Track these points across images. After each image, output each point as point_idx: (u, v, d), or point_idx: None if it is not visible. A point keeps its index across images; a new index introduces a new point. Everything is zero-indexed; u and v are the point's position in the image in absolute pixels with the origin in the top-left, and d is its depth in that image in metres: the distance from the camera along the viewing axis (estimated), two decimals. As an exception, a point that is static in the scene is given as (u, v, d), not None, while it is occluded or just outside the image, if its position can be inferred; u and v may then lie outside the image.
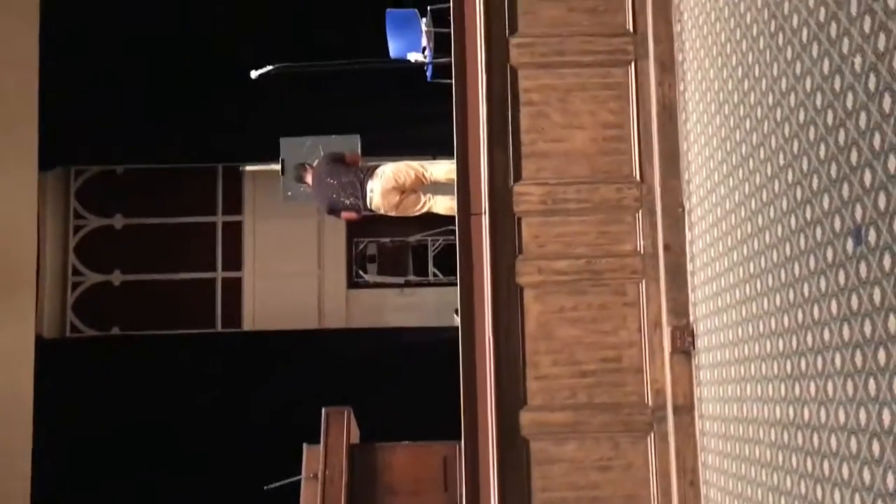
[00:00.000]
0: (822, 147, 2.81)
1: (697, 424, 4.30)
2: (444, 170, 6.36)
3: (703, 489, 4.25)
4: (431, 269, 10.87)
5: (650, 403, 4.39)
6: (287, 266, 10.91)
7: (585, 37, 4.61)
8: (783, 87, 3.12)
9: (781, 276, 3.19)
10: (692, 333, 4.34)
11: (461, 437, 4.41)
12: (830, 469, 2.83)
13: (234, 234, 11.04)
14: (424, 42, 7.17)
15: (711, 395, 4.11)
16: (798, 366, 3.06)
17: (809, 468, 2.99)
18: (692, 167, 4.33)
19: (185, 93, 9.70)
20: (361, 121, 8.88)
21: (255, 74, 7.25)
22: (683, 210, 4.44)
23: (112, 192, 10.94)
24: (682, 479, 4.30)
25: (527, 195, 4.52)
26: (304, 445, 6.20)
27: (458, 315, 4.51)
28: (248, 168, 9.66)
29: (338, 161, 6.60)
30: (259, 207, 10.98)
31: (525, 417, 4.38)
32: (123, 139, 10.14)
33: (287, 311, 10.68)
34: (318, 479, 5.89)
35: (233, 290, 10.94)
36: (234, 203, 11.07)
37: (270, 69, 7.24)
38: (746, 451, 3.62)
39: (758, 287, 3.44)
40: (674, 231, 4.45)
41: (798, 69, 2.99)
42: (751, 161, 3.48)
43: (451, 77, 4.66)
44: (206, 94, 9.69)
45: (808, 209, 2.93)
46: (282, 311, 10.68)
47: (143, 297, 10.72)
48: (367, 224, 10.75)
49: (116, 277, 10.85)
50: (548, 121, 4.57)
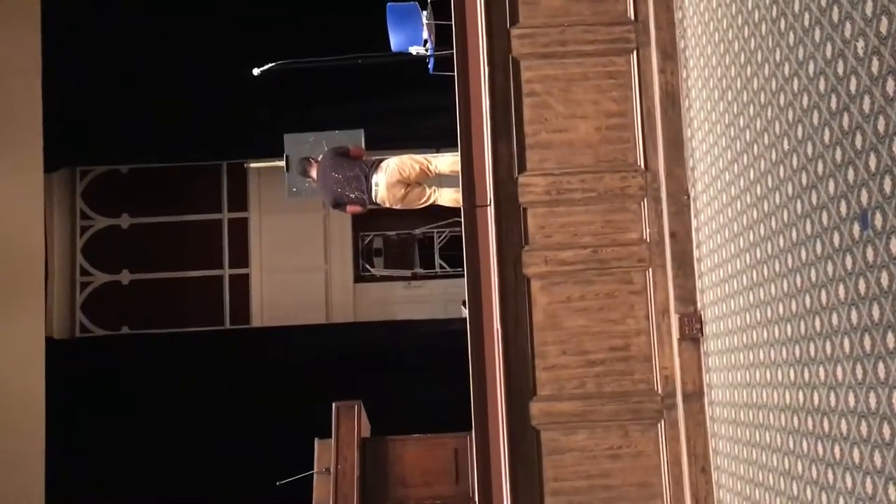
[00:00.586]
0: (827, 131, 2.80)
1: (707, 411, 4.31)
2: (448, 162, 6.37)
3: (715, 475, 4.26)
4: (438, 262, 10.88)
5: (659, 391, 4.39)
6: (294, 261, 10.93)
7: (587, 26, 4.60)
8: (786, 73, 3.12)
9: (788, 262, 3.19)
10: (700, 320, 4.34)
11: (471, 429, 4.43)
12: (841, 453, 2.83)
13: (241, 231, 11.07)
14: (426, 35, 7.16)
15: (720, 382, 4.11)
16: (807, 350, 3.07)
17: (820, 453, 3.00)
18: (696, 154, 4.33)
19: (188, 91, 9.71)
20: (364, 115, 8.90)
21: (258, 71, 7.26)
22: (689, 197, 4.44)
23: (118, 192, 10.97)
24: (694, 466, 4.31)
25: (531, 186, 4.52)
26: (316, 440, 6.23)
27: (466, 307, 4.52)
28: (253, 164, 9.66)
29: (342, 155, 6.61)
30: (264, 203, 11.00)
31: (535, 408, 4.39)
32: (128, 138, 10.16)
33: (295, 307, 10.70)
34: (331, 474, 5.91)
35: (240, 287, 10.97)
36: (240, 200, 11.09)
37: (273, 65, 7.26)
38: (757, 437, 3.63)
39: (765, 273, 3.44)
40: (679, 218, 4.45)
41: (801, 54, 2.98)
42: (755, 147, 3.48)
43: (453, 69, 4.66)
44: (209, 92, 9.69)
45: (814, 194, 2.93)
46: (290, 307, 10.70)
47: (152, 296, 10.75)
48: (373, 218, 10.75)
49: (124, 277, 10.89)
50: (551, 111, 4.57)
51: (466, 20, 4.63)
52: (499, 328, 4.37)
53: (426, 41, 7.17)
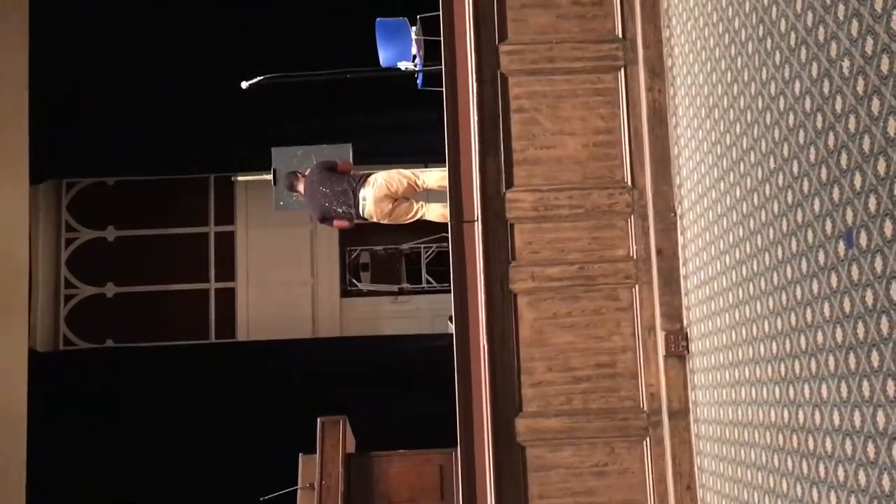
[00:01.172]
0: (813, 150, 2.82)
1: (693, 428, 4.31)
2: (436, 177, 6.37)
3: (700, 493, 4.25)
4: (425, 277, 10.88)
5: (645, 408, 4.39)
6: (280, 275, 10.91)
7: (575, 43, 4.63)
8: (772, 92, 3.14)
9: (774, 280, 3.20)
10: (686, 337, 4.35)
11: (457, 445, 4.41)
12: (826, 471, 2.83)
13: (227, 245, 11.03)
14: (414, 50, 7.18)
15: (706, 399, 4.11)
16: (792, 368, 3.07)
17: (805, 471, 3.00)
18: (683, 172, 4.35)
19: (176, 103, 9.69)
20: (353, 129, 8.90)
21: (246, 85, 7.25)
22: (675, 214, 4.45)
23: (104, 204, 10.92)
24: (679, 484, 4.30)
25: (519, 202, 4.53)
26: (300, 455, 6.19)
27: (453, 322, 4.51)
28: (240, 178, 9.64)
29: (330, 169, 6.60)
30: (251, 217, 10.98)
31: (521, 424, 4.38)
32: (114, 151, 10.12)
33: (281, 321, 10.66)
34: (315, 489, 5.88)
35: (226, 301, 10.93)
36: (227, 213, 11.06)
37: (261, 79, 7.25)
38: (742, 455, 3.63)
39: (750, 290, 3.45)
40: (666, 235, 4.46)
41: (787, 73, 3.00)
42: (741, 165, 3.50)
43: (442, 85, 4.67)
44: (197, 105, 9.68)
45: (800, 212, 2.94)
46: (276, 321, 10.67)
47: (137, 309, 10.70)
48: (360, 232, 10.75)
49: (109, 289, 10.83)
50: (539, 127, 4.58)
51: (455, 36, 4.65)
52: (485, 344, 4.36)
53: (415, 56, 7.19)
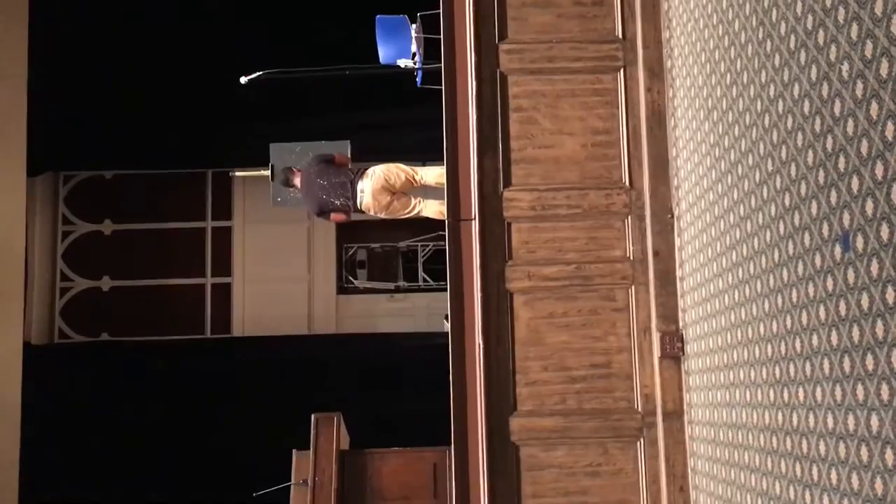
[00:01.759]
0: (810, 153, 2.82)
1: (687, 430, 4.31)
2: (435, 173, 6.36)
3: (693, 494, 4.26)
4: (421, 275, 10.87)
5: (640, 409, 4.39)
6: (277, 272, 10.89)
7: (575, 43, 4.63)
8: (771, 94, 3.14)
9: (770, 282, 3.20)
10: (681, 339, 4.35)
11: (451, 444, 4.41)
12: (819, 474, 2.83)
13: (224, 240, 11.02)
14: (414, 48, 7.17)
15: (701, 401, 4.12)
16: (787, 371, 3.07)
17: (798, 473, 3.00)
18: (681, 173, 4.35)
19: (175, 98, 9.68)
20: (351, 126, 8.89)
21: (245, 80, 7.24)
22: (672, 216, 4.45)
23: (101, 198, 10.90)
24: (672, 485, 4.30)
25: (516, 201, 4.53)
26: (294, 451, 6.18)
27: (448, 321, 4.51)
28: (238, 173, 9.63)
29: (327, 162, 6.60)
30: (249, 213, 10.96)
31: (515, 423, 4.38)
32: (112, 144, 10.11)
33: (277, 317, 10.66)
34: (308, 486, 5.87)
35: (222, 296, 10.91)
36: (224, 208, 11.05)
37: (260, 74, 7.24)
38: (736, 457, 3.63)
39: (746, 292, 3.45)
40: (663, 237, 4.47)
41: (786, 76, 3.00)
42: (739, 167, 3.50)
43: (441, 83, 4.67)
44: (196, 100, 9.67)
45: (797, 215, 2.94)
46: (271, 317, 10.66)
47: (133, 303, 10.68)
48: (357, 229, 10.75)
49: (105, 283, 10.82)
50: (537, 127, 4.58)
51: (455, 34, 4.64)
52: (481, 343, 4.36)
53: (415, 54, 7.18)
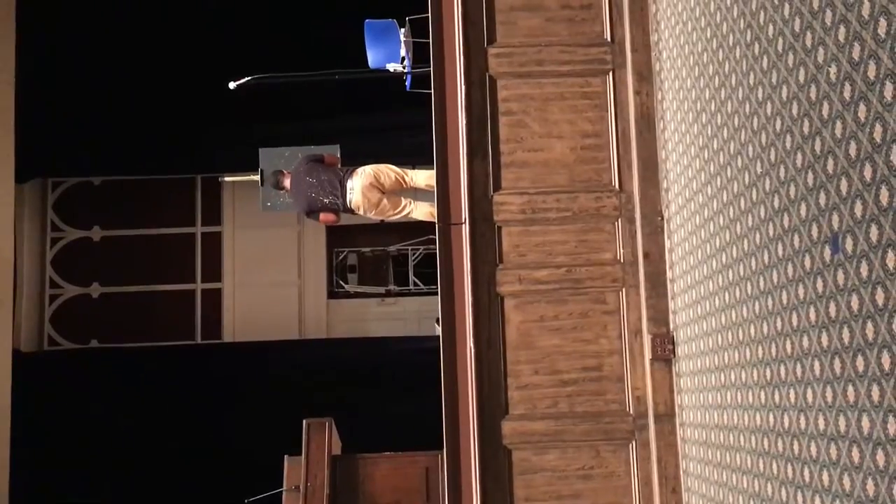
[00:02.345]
0: (799, 155, 2.83)
1: (678, 432, 4.32)
2: (425, 175, 6.37)
3: (685, 497, 4.26)
4: (412, 279, 10.87)
5: (631, 411, 4.40)
6: (267, 276, 10.88)
7: (564, 46, 4.63)
8: (760, 97, 3.15)
9: (760, 284, 3.21)
10: (672, 341, 4.35)
11: (443, 448, 4.41)
12: (811, 475, 2.84)
13: (214, 245, 10.99)
14: (403, 52, 7.17)
15: (692, 403, 4.12)
16: (777, 373, 3.08)
17: (790, 475, 3.01)
18: (671, 176, 4.36)
19: (163, 103, 9.66)
20: (341, 131, 8.89)
21: (234, 85, 7.22)
22: (662, 218, 4.46)
23: (90, 204, 10.87)
24: (664, 487, 4.31)
25: (506, 204, 4.53)
26: (286, 457, 6.17)
27: (439, 325, 4.51)
28: (227, 179, 9.62)
29: (317, 161, 6.61)
30: (238, 218, 10.94)
31: (507, 427, 4.38)
32: (101, 150, 10.08)
33: (267, 322, 10.63)
34: (300, 491, 5.86)
35: (212, 302, 10.88)
36: (214, 214, 11.02)
37: (249, 79, 7.23)
38: (727, 459, 3.63)
39: (737, 295, 3.46)
40: (653, 239, 4.47)
41: (774, 78, 3.01)
42: (728, 169, 3.51)
43: (430, 87, 4.66)
44: (185, 105, 9.64)
45: (786, 217, 2.95)
46: (262, 322, 10.63)
47: (122, 310, 10.64)
48: (348, 234, 10.74)
49: (95, 290, 10.78)
50: (527, 130, 4.58)
51: (444, 38, 4.64)
52: (472, 346, 4.36)
53: (404, 58, 7.18)
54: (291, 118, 9.46)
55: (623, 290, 4.47)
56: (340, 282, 11.05)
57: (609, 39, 4.64)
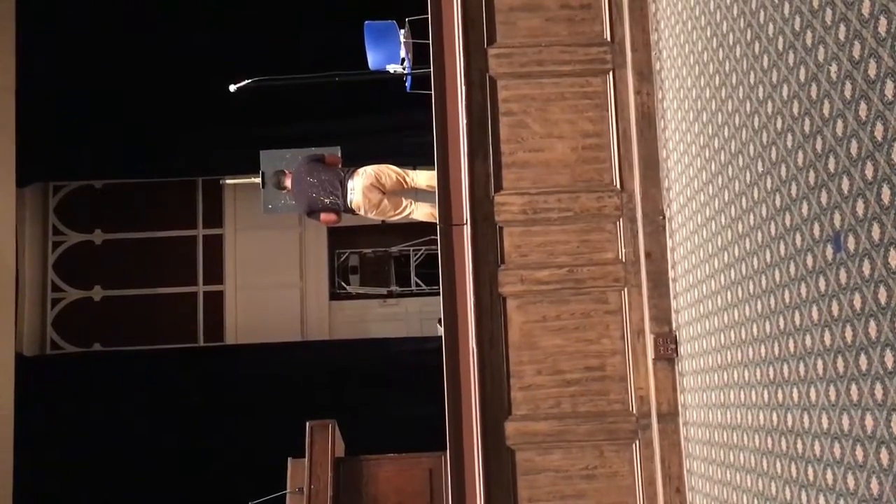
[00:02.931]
0: (801, 154, 2.83)
1: (682, 431, 4.31)
2: (426, 176, 6.37)
3: (689, 496, 4.25)
4: (414, 280, 10.86)
5: (634, 411, 4.39)
6: (269, 278, 10.88)
7: (564, 46, 4.63)
8: (760, 96, 3.14)
9: (762, 283, 3.20)
10: (675, 340, 4.35)
11: (446, 449, 4.40)
12: (815, 474, 2.84)
13: (215, 248, 10.99)
14: (403, 53, 7.17)
15: (695, 402, 4.12)
16: (780, 372, 3.08)
17: (794, 473, 3.00)
18: (672, 175, 4.35)
19: (164, 106, 9.66)
20: (341, 132, 8.89)
21: (234, 88, 7.22)
22: (664, 217, 4.45)
23: (91, 208, 10.87)
24: (668, 487, 4.30)
25: (508, 205, 4.53)
26: (289, 459, 6.17)
27: (442, 325, 4.51)
28: (229, 181, 9.61)
29: (318, 161, 6.62)
30: (240, 220, 10.94)
31: (510, 427, 4.38)
32: (102, 154, 10.08)
33: (270, 324, 10.63)
34: (304, 493, 5.86)
35: (214, 304, 10.88)
36: (215, 216, 11.02)
37: (249, 82, 7.23)
38: (731, 458, 3.63)
39: (739, 294, 3.45)
40: (655, 238, 4.47)
41: (775, 77, 3.01)
42: (730, 168, 3.50)
43: (431, 88, 4.66)
44: (185, 108, 9.65)
45: (788, 216, 2.94)
46: (264, 324, 10.63)
47: (124, 313, 10.64)
48: (349, 235, 10.74)
49: (97, 293, 10.78)
50: (527, 130, 4.58)
51: (444, 39, 4.64)
52: (474, 347, 4.36)
53: (404, 59, 7.18)
54: (292, 120, 9.46)
55: (625, 290, 4.47)
56: (342, 283, 11.05)
57: (609, 39, 4.64)
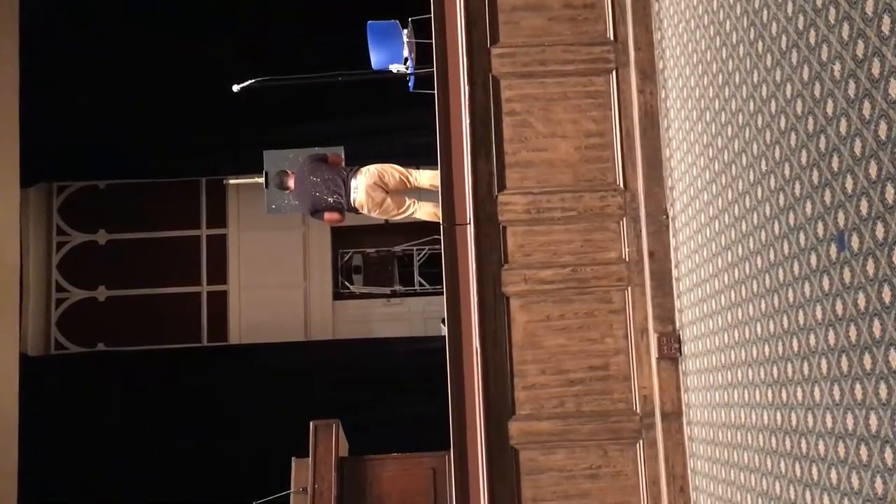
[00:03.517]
0: (804, 153, 2.82)
1: (685, 430, 4.31)
2: (429, 175, 6.38)
3: (693, 495, 4.25)
4: (417, 279, 10.86)
5: (638, 410, 4.39)
6: (272, 278, 10.88)
7: (566, 46, 4.63)
8: (764, 94, 3.14)
9: (766, 282, 3.20)
10: (679, 340, 4.35)
11: (450, 448, 4.41)
12: (819, 474, 2.83)
13: (219, 248, 11.00)
14: (406, 53, 7.17)
15: (699, 401, 4.11)
16: (784, 371, 3.07)
17: (798, 473, 3.00)
18: (675, 174, 4.35)
19: (167, 107, 9.66)
20: (344, 132, 8.89)
21: (238, 88, 7.22)
22: (667, 216, 4.45)
23: (95, 208, 10.88)
24: (672, 486, 4.30)
25: (511, 204, 4.53)
26: (293, 459, 6.18)
27: (445, 325, 4.51)
28: (232, 181, 9.61)
29: (321, 160, 6.64)
30: (243, 220, 10.94)
31: (513, 427, 4.38)
32: (106, 154, 10.08)
33: (273, 324, 10.63)
34: (308, 493, 5.86)
35: (218, 304, 10.89)
36: (219, 216, 11.02)
37: (252, 82, 7.22)
38: (735, 457, 3.63)
39: (743, 293, 3.45)
40: (658, 237, 4.47)
41: (778, 76, 3.00)
42: (733, 167, 3.50)
43: (434, 88, 4.66)
44: (189, 108, 9.65)
45: (791, 215, 2.94)
46: (268, 324, 10.64)
47: (128, 313, 10.65)
48: (353, 235, 10.74)
49: (101, 293, 10.79)
50: (531, 130, 4.58)
51: (447, 39, 4.64)
52: (478, 347, 4.36)
53: (407, 59, 7.18)
54: (295, 120, 9.46)
55: (629, 289, 4.47)
56: (346, 283, 11.05)
57: (612, 38, 4.64)
